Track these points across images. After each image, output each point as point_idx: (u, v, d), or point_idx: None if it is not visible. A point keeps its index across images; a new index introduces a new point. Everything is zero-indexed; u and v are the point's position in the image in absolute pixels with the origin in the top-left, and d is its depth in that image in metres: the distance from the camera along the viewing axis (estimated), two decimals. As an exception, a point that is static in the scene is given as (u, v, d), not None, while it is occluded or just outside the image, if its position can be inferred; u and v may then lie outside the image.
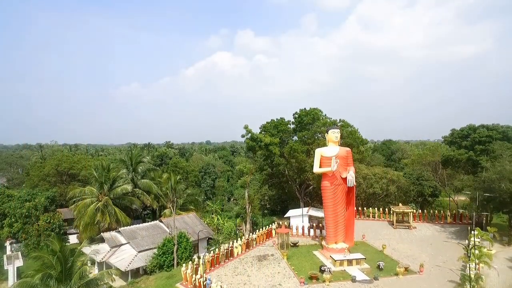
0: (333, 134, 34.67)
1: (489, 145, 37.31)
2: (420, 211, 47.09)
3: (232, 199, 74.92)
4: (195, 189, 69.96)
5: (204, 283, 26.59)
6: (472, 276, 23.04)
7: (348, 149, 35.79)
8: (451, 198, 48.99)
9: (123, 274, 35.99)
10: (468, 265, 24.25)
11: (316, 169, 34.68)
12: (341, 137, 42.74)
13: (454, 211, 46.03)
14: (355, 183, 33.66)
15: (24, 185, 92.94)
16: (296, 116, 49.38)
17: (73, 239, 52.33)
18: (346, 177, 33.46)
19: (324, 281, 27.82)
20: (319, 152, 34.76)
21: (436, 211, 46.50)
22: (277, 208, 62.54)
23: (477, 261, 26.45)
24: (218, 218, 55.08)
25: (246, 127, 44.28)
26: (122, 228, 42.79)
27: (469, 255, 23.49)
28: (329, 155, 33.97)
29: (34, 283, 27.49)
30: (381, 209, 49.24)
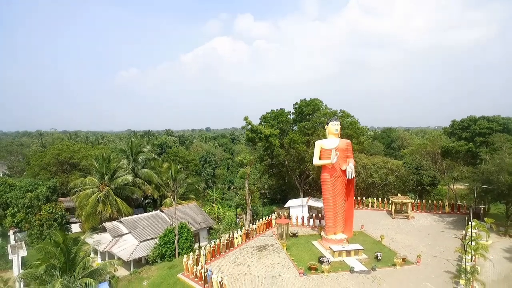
0: (333, 126, 34.59)
1: (489, 137, 37.29)
2: (418, 200, 47.49)
3: (232, 188, 75.42)
4: (196, 177, 70.41)
5: (205, 274, 27.10)
6: (468, 268, 23.46)
7: (348, 141, 35.78)
8: (449, 188, 49.30)
9: (126, 264, 36.62)
10: (464, 258, 24.66)
11: (316, 161, 34.77)
12: (341, 128, 42.72)
13: (452, 201, 46.43)
14: (354, 175, 33.82)
15: (25, 172, 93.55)
16: (296, 106, 49.17)
17: (75, 228, 53.01)
18: (345, 169, 33.61)
19: (322, 272, 28.34)
20: (319, 144, 34.77)
21: (435, 201, 46.90)
22: (277, 197, 63.09)
23: (473, 253, 26.85)
24: (218, 207, 55.60)
25: (246, 119, 44.12)
26: (123, 218, 43.27)
27: (465, 248, 23.83)
28: (329, 147, 33.98)
29: (39, 273, 28.02)
30: (380, 199, 49.67)
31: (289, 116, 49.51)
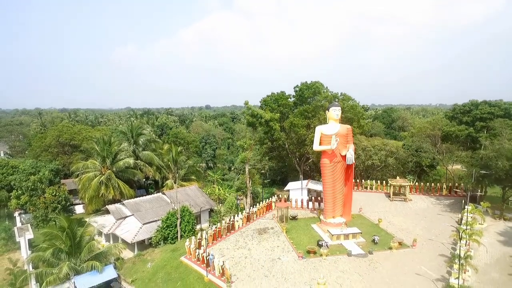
0: (334, 112, 34.46)
1: (490, 122, 37.20)
2: (417, 183, 48.06)
3: (233, 168, 76.07)
4: (196, 158, 70.96)
5: (207, 258, 27.96)
6: (462, 254, 24.19)
7: (348, 126, 35.77)
8: (448, 170, 49.77)
9: (129, 245, 37.71)
10: (458, 243, 25.35)
11: (316, 146, 34.92)
12: (342, 111, 42.54)
13: (450, 184, 47.02)
14: (354, 161, 34.08)
15: (26, 152, 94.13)
16: (297, 89, 48.69)
17: (79, 209, 53.97)
18: (345, 155, 33.84)
19: (321, 255, 29.22)
20: (319, 130, 34.79)
21: (433, 183, 47.47)
22: (277, 178, 63.82)
23: (467, 238, 27.55)
24: (219, 189, 56.40)
25: (246, 103, 43.78)
26: (126, 200, 44.04)
27: (460, 236, 24.46)
28: (329, 133, 34.03)
29: (47, 257, 28.96)
30: (378, 181, 50.25)
31: (289, 99, 49.12)
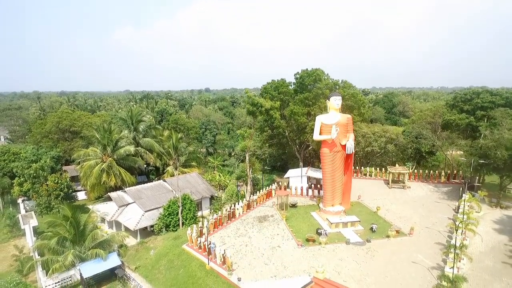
0: (335, 101, 34.35)
1: (491, 111, 37.13)
2: (415, 171, 48.44)
3: (233, 154, 76.42)
4: (197, 144, 71.19)
5: (209, 247, 28.62)
6: (458, 243, 24.76)
7: (348, 116, 35.72)
8: (447, 157, 50.06)
9: (132, 232, 38.47)
10: (454, 233, 25.87)
11: (316, 136, 35.00)
12: (343, 99, 42.34)
13: (448, 171, 47.42)
14: (354, 150, 34.26)
15: (27, 137, 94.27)
16: (298, 76, 48.24)
17: (81, 195, 54.69)
18: (345, 144, 33.98)
19: (320, 244, 29.88)
20: (319, 120, 34.79)
21: (431, 171, 47.86)
22: (277, 165, 64.26)
23: (463, 227, 28.08)
24: (219, 175, 56.91)
25: (246, 91, 43.44)
26: (127, 188, 44.47)
27: (456, 227, 24.96)
28: (330, 122, 34.05)
29: (52, 245, 29.65)
30: (377, 168, 50.64)
31: (290, 86, 48.74)
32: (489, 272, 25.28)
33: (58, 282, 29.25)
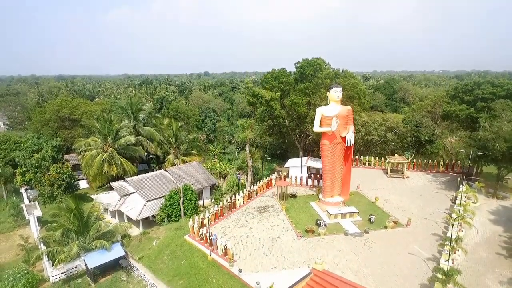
0: (335, 93, 34.24)
1: (492, 102, 37.09)
2: (414, 160, 48.80)
3: (233, 141, 76.63)
4: (197, 132, 71.27)
5: (210, 238, 29.27)
6: (453, 237, 25.37)
7: (349, 108, 35.69)
8: (446, 146, 50.36)
9: (134, 222, 39.20)
10: (450, 226, 26.47)
11: (316, 128, 35.10)
12: (343, 89, 42.15)
13: (447, 161, 47.80)
14: (353, 143, 34.46)
15: (26, 123, 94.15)
16: (298, 66, 47.80)
17: (83, 184, 55.27)
18: (345, 136, 34.14)
19: (319, 235, 30.55)
20: (320, 112, 34.80)
21: (430, 160, 48.25)
22: (277, 152, 64.61)
23: (459, 220, 28.65)
24: (219, 164, 57.34)
25: (247, 82, 43.22)
26: (129, 178, 44.96)
27: (452, 222, 25.48)
28: (330, 114, 34.08)
29: (57, 237, 30.31)
30: (377, 157, 51.00)
31: (290, 76, 48.39)
32: (483, 263, 26.01)
33: (64, 272, 30.09)
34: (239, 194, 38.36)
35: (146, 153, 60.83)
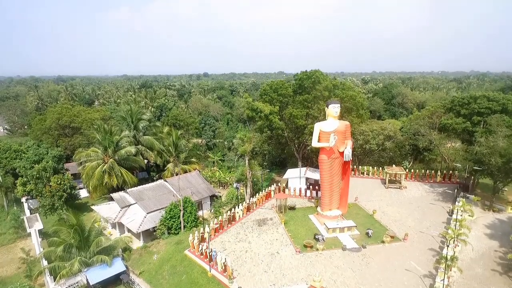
0: (334, 109, 34.69)
1: (487, 116, 37.62)
2: (412, 170, 49.28)
3: (232, 148, 76.96)
4: (196, 138, 71.64)
5: (210, 254, 29.69)
6: (449, 256, 25.83)
7: (347, 123, 36.12)
8: (443, 155, 50.81)
9: (135, 234, 39.55)
10: (445, 248, 26.86)
11: (315, 143, 35.53)
12: (342, 101, 42.56)
13: (444, 171, 48.28)
14: (351, 158, 34.89)
15: (25, 127, 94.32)
16: (297, 78, 48.21)
17: (83, 193, 55.52)
18: (343, 151, 34.57)
19: (317, 250, 30.99)
20: (318, 127, 35.24)
21: (427, 170, 48.74)
22: (276, 160, 65.06)
23: (455, 237, 29.08)
24: (219, 172, 57.74)
25: (246, 97, 43.58)
26: (129, 189, 45.30)
27: (447, 244, 25.95)
28: (328, 130, 34.51)
29: (58, 253, 30.69)
30: (375, 167, 51.44)
31: (289, 88, 48.79)
32: (478, 280, 26.48)
33: (66, 287, 30.45)
34: (238, 207, 38.77)
35: (146, 161, 61.22)
